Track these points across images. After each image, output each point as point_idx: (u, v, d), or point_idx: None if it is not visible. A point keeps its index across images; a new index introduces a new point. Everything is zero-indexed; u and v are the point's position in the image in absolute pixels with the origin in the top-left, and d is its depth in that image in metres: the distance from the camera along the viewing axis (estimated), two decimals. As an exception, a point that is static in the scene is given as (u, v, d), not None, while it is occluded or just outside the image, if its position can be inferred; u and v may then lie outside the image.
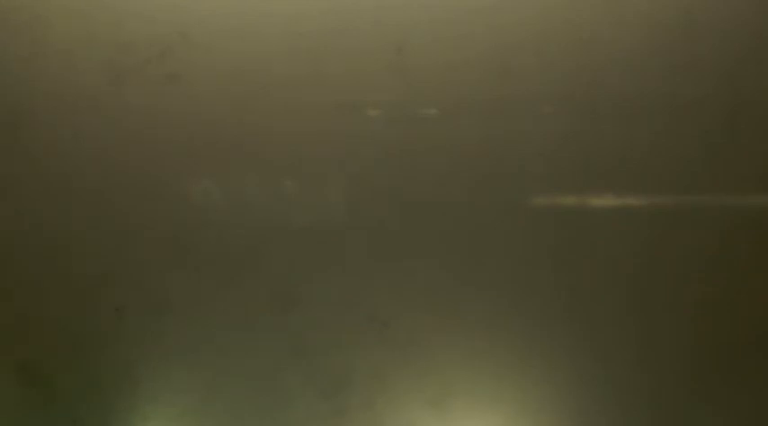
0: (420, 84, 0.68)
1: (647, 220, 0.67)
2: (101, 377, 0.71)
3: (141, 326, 0.71)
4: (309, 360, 0.70)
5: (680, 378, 0.68)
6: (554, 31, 0.67)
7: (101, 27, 0.69)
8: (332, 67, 0.68)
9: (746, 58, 0.66)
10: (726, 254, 0.67)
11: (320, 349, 0.70)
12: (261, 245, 0.70)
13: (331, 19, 0.68)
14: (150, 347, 0.71)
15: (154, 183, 0.70)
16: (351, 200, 0.69)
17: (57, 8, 0.70)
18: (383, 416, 0.70)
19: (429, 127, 0.68)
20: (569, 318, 0.68)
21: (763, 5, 0.66)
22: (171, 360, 0.71)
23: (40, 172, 0.71)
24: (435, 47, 0.67)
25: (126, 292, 0.71)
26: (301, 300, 0.70)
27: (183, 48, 0.69)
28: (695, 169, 0.67)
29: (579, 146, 0.67)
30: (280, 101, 0.69)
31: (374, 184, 0.69)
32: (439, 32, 0.67)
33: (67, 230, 0.71)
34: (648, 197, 0.67)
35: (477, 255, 0.69)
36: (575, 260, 0.68)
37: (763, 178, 0.67)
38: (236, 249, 0.70)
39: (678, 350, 0.68)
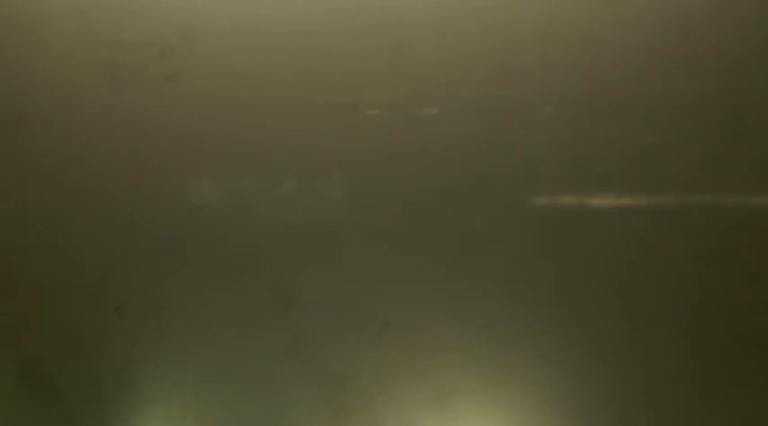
0: (420, 84, 0.68)
1: (647, 220, 0.67)
2: (101, 377, 0.71)
3: (141, 326, 0.71)
4: (309, 360, 0.70)
5: (680, 378, 0.68)
6: (554, 31, 0.67)
7: (101, 27, 0.69)
8: (332, 67, 0.68)
9: (746, 58, 0.66)
10: (726, 254, 0.67)
11: (320, 349, 0.70)
12: (261, 245, 0.70)
13: (331, 19, 0.68)
14: (150, 347, 0.71)
15: (154, 183, 0.70)
16: (351, 200, 0.69)
17: (57, 8, 0.70)
18: (383, 416, 0.70)
19: (429, 127, 0.68)
20: (569, 318, 0.68)
21: (763, 5, 0.66)
22: (171, 360, 0.71)
23: (40, 172, 0.71)
24: (435, 47, 0.67)
25: (126, 292, 0.71)
26: (301, 300, 0.70)
27: (183, 48, 0.69)
28: (695, 169, 0.67)
29: (579, 146, 0.67)
30: (280, 101, 0.69)
31: (374, 184, 0.69)
32: (439, 32, 0.67)
33: (67, 230, 0.71)
34: (648, 197, 0.67)
35: (477, 255, 0.69)
36: (575, 260, 0.68)
37: (763, 178, 0.67)
38: (236, 249, 0.70)
39: (678, 350, 0.68)
